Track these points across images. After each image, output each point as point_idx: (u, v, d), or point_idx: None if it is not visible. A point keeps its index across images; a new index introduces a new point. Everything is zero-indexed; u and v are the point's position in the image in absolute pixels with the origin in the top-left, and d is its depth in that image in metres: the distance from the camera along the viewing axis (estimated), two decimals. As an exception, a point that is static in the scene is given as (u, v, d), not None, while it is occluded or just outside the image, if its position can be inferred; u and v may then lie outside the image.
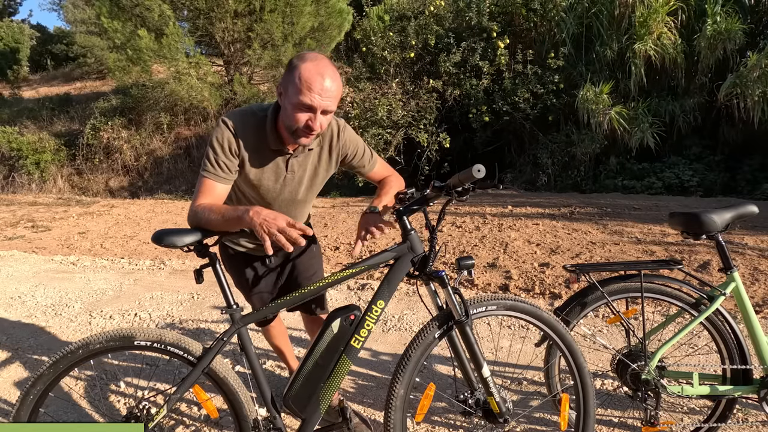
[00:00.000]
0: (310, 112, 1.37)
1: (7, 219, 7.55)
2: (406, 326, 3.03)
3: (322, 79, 1.34)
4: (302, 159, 1.59)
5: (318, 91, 1.34)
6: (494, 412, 1.50)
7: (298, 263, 1.87)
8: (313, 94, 1.34)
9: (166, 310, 3.50)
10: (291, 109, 1.38)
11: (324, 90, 1.34)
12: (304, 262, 1.88)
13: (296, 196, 1.66)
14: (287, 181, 1.60)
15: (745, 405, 2.03)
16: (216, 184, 1.49)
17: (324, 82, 1.34)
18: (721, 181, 6.89)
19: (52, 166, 11.66)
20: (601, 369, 2.34)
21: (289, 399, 1.45)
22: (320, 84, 1.34)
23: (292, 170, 1.59)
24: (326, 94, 1.35)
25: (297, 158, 1.57)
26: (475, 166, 1.24)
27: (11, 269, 4.72)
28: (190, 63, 10.11)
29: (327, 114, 1.41)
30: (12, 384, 2.53)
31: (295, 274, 1.87)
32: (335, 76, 1.37)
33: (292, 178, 1.61)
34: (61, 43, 20.35)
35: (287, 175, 1.59)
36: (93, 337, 1.41)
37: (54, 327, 3.28)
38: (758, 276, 3.40)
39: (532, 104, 7.85)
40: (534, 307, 1.54)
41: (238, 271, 1.85)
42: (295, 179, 1.62)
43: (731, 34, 6.86)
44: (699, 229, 1.67)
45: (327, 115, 1.41)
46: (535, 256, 4.14)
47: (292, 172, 1.59)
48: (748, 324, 1.70)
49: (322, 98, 1.35)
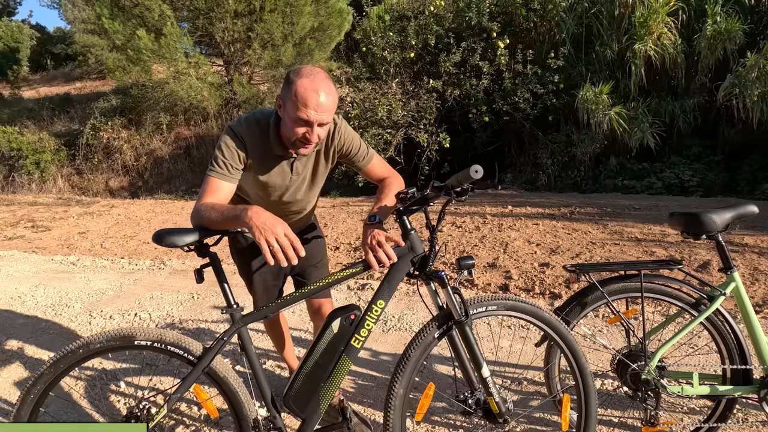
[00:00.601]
0: (307, 126, 1.43)
1: (7, 219, 7.55)
2: (406, 326, 3.04)
3: (317, 95, 1.39)
4: (305, 161, 1.66)
5: (314, 107, 1.39)
6: (494, 412, 1.50)
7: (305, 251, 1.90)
8: (309, 110, 1.39)
9: (166, 310, 3.50)
10: (289, 123, 1.45)
11: (320, 105, 1.40)
12: (311, 250, 1.92)
13: (301, 195, 1.74)
14: (293, 182, 1.67)
15: (745, 405, 2.03)
16: (222, 183, 1.51)
17: (319, 98, 1.39)
18: (721, 181, 6.88)
19: (52, 166, 11.67)
20: (601, 369, 2.34)
21: (290, 399, 1.46)
22: (315, 100, 1.39)
23: (297, 172, 1.66)
24: (322, 109, 1.40)
25: (300, 161, 1.64)
26: (472, 167, 1.25)
27: (11, 269, 4.72)
28: (190, 63, 10.11)
29: (324, 125, 1.47)
30: (12, 384, 2.53)
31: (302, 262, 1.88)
32: (330, 90, 1.42)
33: (297, 178, 1.68)
34: (61, 43, 20.37)
35: (293, 176, 1.66)
36: (93, 336, 1.41)
37: (54, 327, 3.28)
38: (758, 276, 3.41)
39: (532, 104, 7.85)
40: (535, 308, 1.54)
41: (245, 261, 1.89)
42: (300, 179, 1.69)
43: (731, 34, 6.85)
44: (699, 229, 1.67)
45: (324, 127, 1.47)
46: (535, 256, 4.14)
47: (296, 173, 1.66)
48: (748, 324, 1.70)
49: (318, 113, 1.40)
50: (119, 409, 2.26)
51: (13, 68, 17.40)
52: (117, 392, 2.41)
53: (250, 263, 1.88)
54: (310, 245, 1.93)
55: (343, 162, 1.77)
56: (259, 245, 1.28)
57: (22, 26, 20.76)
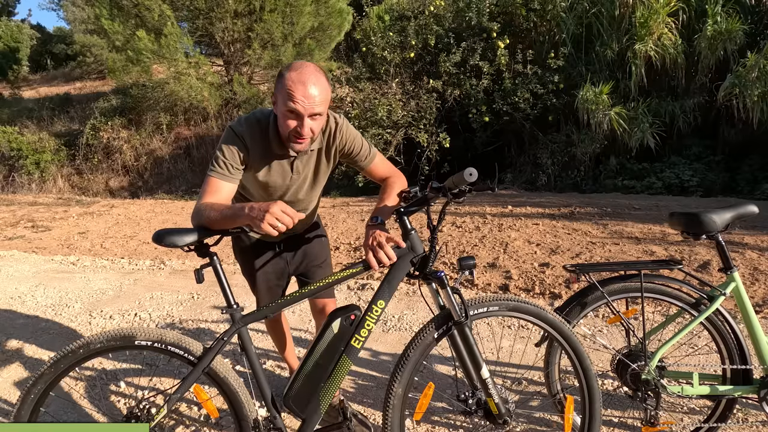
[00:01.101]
0: (297, 118, 1.43)
1: (7, 219, 7.55)
2: (406, 326, 3.04)
3: (304, 86, 1.40)
4: (306, 159, 1.66)
5: (301, 97, 1.40)
6: (493, 413, 1.50)
7: (308, 251, 1.92)
8: (297, 101, 1.40)
9: (166, 310, 3.50)
10: (281, 117, 1.47)
11: (308, 96, 1.40)
12: (314, 250, 1.92)
13: (303, 195, 1.74)
14: (293, 181, 1.67)
15: (745, 405, 2.03)
16: (223, 183, 1.52)
17: (307, 89, 1.40)
18: (721, 181, 6.88)
19: (52, 166, 11.67)
20: (601, 369, 2.34)
21: (290, 399, 1.46)
22: (303, 91, 1.40)
23: (297, 171, 1.66)
24: (310, 100, 1.41)
25: (301, 160, 1.64)
26: (466, 170, 1.25)
27: (11, 269, 4.72)
28: (190, 63, 10.11)
29: (316, 118, 1.46)
30: (12, 384, 2.53)
31: (305, 262, 1.92)
32: (319, 82, 1.43)
33: (298, 178, 1.67)
34: (61, 43, 20.37)
35: (293, 176, 1.66)
36: (93, 336, 1.41)
37: (54, 327, 3.28)
38: (758, 276, 3.41)
39: (532, 104, 7.85)
40: (537, 308, 1.53)
41: (248, 260, 1.89)
42: (300, 179, 1.69)
43: (732, 34, 6.85)
44: (699, 229, 1.67)
45: (316, 120, 1.47)
46: (535, 256, 4.14)
47: (297, 173, 1.66)
48: (748, 324, 1.70)
49: (306, 104, 1.41)
50: (119, 409, 2.26)
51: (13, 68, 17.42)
52: (117, 392, 2.41)
53: (253, 262, 1.88)
54: (313, 245, 1.93)
55: (345, 161, 1.77)
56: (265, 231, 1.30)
57: (22, 26, 20.78)
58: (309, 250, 1.92)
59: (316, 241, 1.95)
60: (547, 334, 1.61)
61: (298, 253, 1.91)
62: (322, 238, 1.98)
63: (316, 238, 1.96)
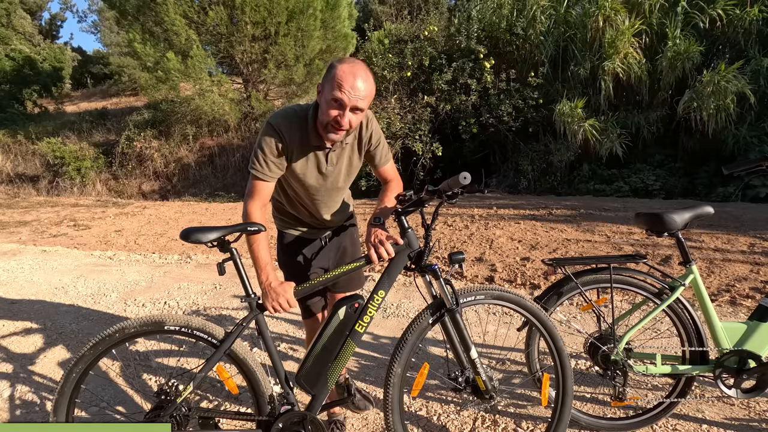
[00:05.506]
0: (340, 108, 1.36)
1: (52, 218, 7.54)
2: (403, 313, 3.03)
3: (353, 78, 1.33)
4: (339, 152, 1.57)
5: (349, 88, 1.33)
6: (481, 389, 1.50)
7: (347, 249, 1.82)
8: (344, 91, 1.33)
9: (192, 299, 3.50)
10: (325, 105, 1.38)
11: (355, 88, 1.34)
12: (354, 249, 1.83)
13: (336, 185, 1.65)
14: (328, 172, 1.58)
15: (702, 382, 2.04)
16: (265, 184, 1.50)
17: (356, 81, 1.34)
18: (681, 185, 6.87)
19: (92, 172, 11.65)
20: (575, 351, 2.34)
21: (301, 377, 1.46)
22: (351, 82, 1.33)
23: (332, 163, 1.57)
24: (356, 92, 1.34)
25: (335, 152, 1.56)
26: (461, 174, 1.25)
27: (56, 263, 4.73)
28: (213, 81, 10.10)
29: (357, 113, 1.39)
30: (56, 364, 2.53)
31: (345, 259, 1.81)
32: (367, 78, 1.37)
33: (333, 169, 1.59)
34: (99, 63, 20.36)
35: (328, 167, 1.57)
36: (128, 322, 1.41)
37: (93, 314, 3.28)
38: (713, 269, 3.41)
39: (514, 117, 7.85)
40: (519, 297, 1.53)
41: (292, 256, 1.78)
42: (335, 170, 1.60)
43: (689, 54, 6.85)
44: (661, 227, 1.67)
45: (357, 114, 1.39)
46: (517, 251, 4.14)
47: (332, 164, 1.57)
48: (704, 311, 1.70)
49: (351, 95, 1.34)
50: (151, 387, 2.26)
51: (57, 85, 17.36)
52: (149, 371, 2.41)
53: (296, 257, 1.77)
54: (347, 245, 1.83)
55: (366, 159, 1.68)
56: (266, 308, 1.42)
57: (65, 48, 20.76)
58: (347, 249, 1.83)
59: (350, 242, 1.84)
60: (527, 320, 1.61)
61: (339, 249, 1.81)
62: (355, 237, 1.87)
63: (351, 239, 1.84)
